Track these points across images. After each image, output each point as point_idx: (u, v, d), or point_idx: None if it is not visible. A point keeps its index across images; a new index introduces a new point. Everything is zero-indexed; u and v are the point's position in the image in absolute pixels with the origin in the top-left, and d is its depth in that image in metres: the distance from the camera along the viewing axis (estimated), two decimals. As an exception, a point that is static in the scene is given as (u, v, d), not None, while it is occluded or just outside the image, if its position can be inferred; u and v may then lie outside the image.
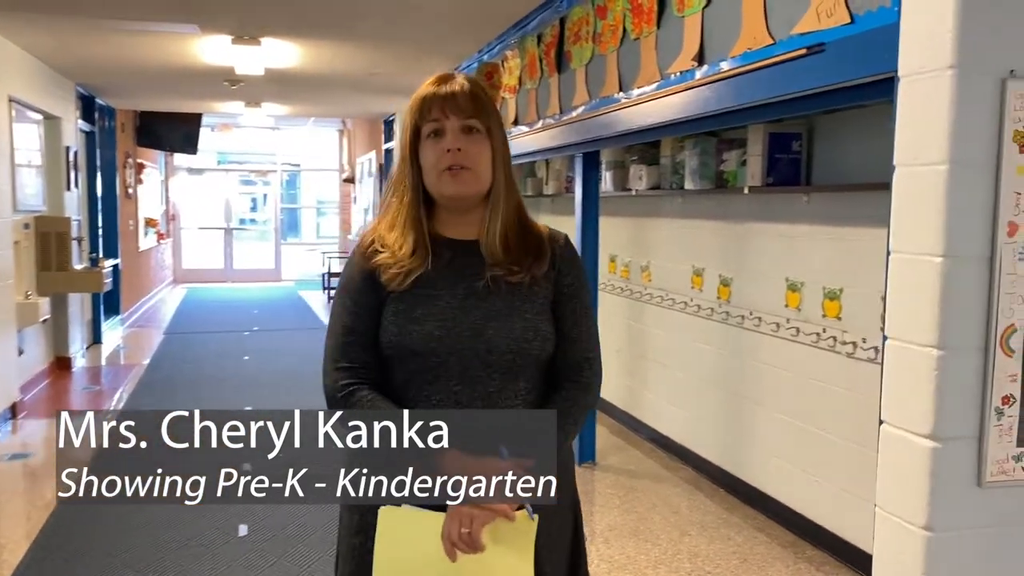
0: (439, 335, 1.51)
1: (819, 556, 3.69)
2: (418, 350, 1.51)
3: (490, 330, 1.52)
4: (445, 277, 1.56)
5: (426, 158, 1.55)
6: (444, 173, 1.54)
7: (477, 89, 1.57)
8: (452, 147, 1.53)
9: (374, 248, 1.58)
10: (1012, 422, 1.99)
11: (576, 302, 1.62)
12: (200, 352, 8.39)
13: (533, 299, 1.57)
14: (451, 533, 1.41)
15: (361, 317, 1.55)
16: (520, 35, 5.22)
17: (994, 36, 1.92)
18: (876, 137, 3.50)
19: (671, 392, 4.99)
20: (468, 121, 1.54)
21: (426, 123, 1.55)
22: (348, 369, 1.53)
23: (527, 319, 1.55)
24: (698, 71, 3.15)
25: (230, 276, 16.03)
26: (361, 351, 1.54)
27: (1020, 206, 1.95)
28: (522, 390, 1.54)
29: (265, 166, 16.89)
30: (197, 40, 6.03)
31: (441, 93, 1.54)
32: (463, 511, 1.41)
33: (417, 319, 1.52)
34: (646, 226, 5.37)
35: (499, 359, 1.51)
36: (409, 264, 1.54)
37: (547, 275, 1.60)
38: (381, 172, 10.96)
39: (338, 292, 1.63)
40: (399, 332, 1.52)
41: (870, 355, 3.49)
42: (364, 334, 1.55)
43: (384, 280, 1.54)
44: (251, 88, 8.14)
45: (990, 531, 2.03)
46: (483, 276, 1.55)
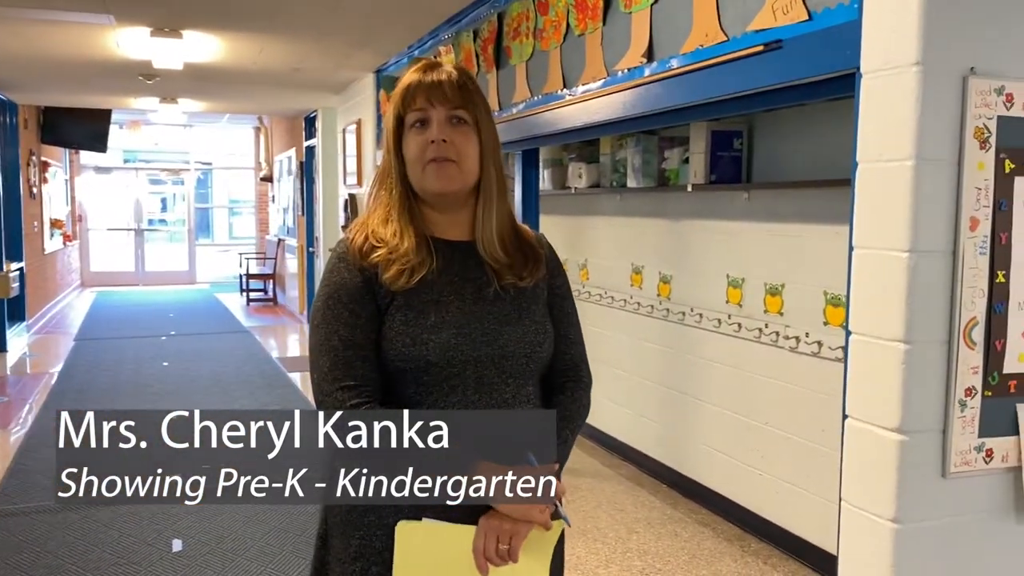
0: (456, 343, 1.41)
1: (765, 549, 3.73)
2: (435, 360, 1.40)
3: (504, 335, 1.45)
4: (450, 282, 1.46)
5: (409, 149, 1.47)
6: (428, 165, 1.45)
7: (465, 78, 1.48)
8: (437, 138, 1.44)
9: (369, 245, 1.46)
10: (974, 413, 2.03)
11: (568, 303, 1.59)
12: (115, 358, 8.02)
13: (537, 301, 1.53)
14: (487, 548, 1.35)
15: (361, 328, 1.42)
16: (455, 30, 5.14)
17: (956, 34, 1.95)
18: (814, 135, 3.57)
19: (612, 390, 5.00)
20: (455, 111, 1.46)
21: (410, 112, 1.46)
22: (354, 388, 1.39)
23: (537, 321, 1.50)
24: (647, 68, 3.14)
25: (142, 279, 15.44)
26: (364, 366, 1.41)
27: (981, 201, 1.99)
28: (532, 395, 1.50)
29: (177, 164, 16.32)
30: (112, 32, 5.73)
31: (427, 81, 1.46)
32: (501, 526, 1.35)
33: (432, 327, 1.42)
34: (585, 224, 5.37)
35: (513, 364, 1.45)
36: (414, 260, 1.43)
37: (544, 276, 1.55)
38: (302, 170, 10.70)
39: (325, 301, 1.45)
40: (413, 343, 1.40)
41: (813, 349, 3.55)
42: (365, 346, 1.41)
43: (386, 279, 1.42)
44: (168, 83, 7.81)
45: (954, 521, 2.06)
46: (490, 281, 1.48)
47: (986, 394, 2.03)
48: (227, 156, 16.65)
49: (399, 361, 1.41)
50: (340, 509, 1.45)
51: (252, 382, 7.01)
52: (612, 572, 3.53)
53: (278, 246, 12.88)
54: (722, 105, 2.82)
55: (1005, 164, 1.98)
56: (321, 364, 1.41)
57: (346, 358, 1.40)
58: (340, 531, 1.45)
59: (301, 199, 10.74)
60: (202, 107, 10.25)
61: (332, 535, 1.48)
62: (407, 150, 1.47)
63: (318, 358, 1.42)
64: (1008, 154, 1.98)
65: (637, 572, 3.53)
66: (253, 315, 11.58)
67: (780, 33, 2.46)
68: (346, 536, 1.44)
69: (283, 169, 12.60)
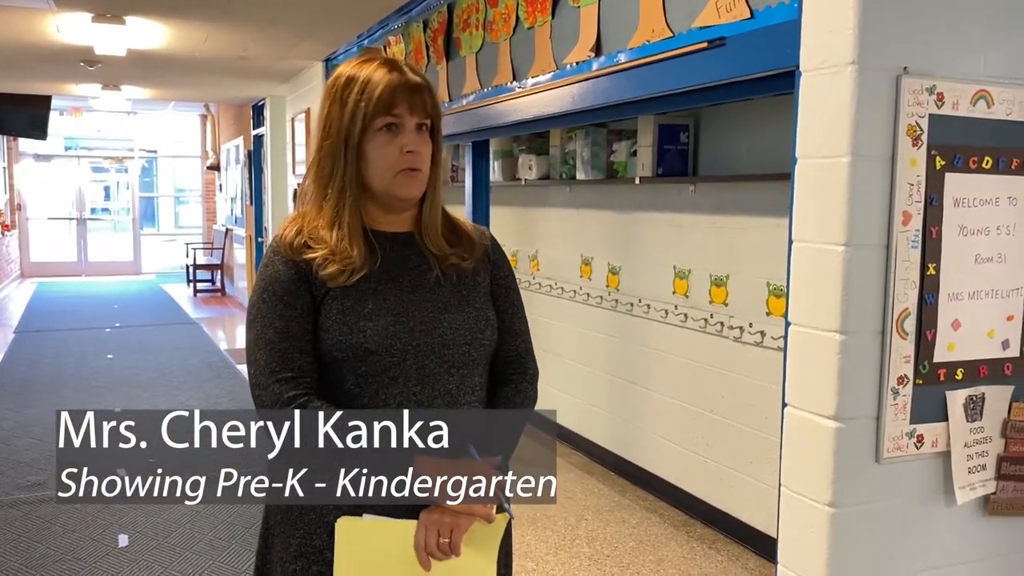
0: (394, 331, 1.40)
1: (710, 534, 3.82)
2: (373, 348, 1.39)
3: (444, 323, 1.45)
4: (388, 270, 1.46)
5: (380, 155, 1.43)
6: (400, 174, 1.43)
7: (431, 85, 1.48)
8: (413, 148, 1.43)
9: (303, 242, 1.44)
10: (906, 401, 2.11)
11: (513, 294, 1.60)
12: (58, 351, 7.84)
13: (478, 289, 1.53)
14: (428, 542, 1.35)
15: (296, 320, 1.40)
16: (404, 20, 5.12)
17: (890, 34, 2.01)
18: (758, 130, 3.65)
19: (561, 380, 5.05)
20: (424, 120, 1.45)
21: (385, 116, 1.42)
22: (292, 380, 1.37)
23: (478, 308, 1.50)
24: (595, 62, 3.17)
25: (85, 269, 15.09)
26: (301, 357, 1.39)
27: (913, 196, 2.06)
28: (477, 386, 1.50)
29: (120, 152, 15.95)
30: (51, 16, 5.59)
31: (408, 85, 1.43)
32: (441, 520, 1.34)
33: (369, 315, 1.40)
34: (534, 216, 5.40)
35: (455, 353, 1.45)
36: (355, 264, 1.41)
37: (485, 266, 1.56)
38: (250, 159, 10.55)
39: (260, 295, 1.44)
40: (350, 330, 1.39)
41: (756, 339, 3.63)
42: (302, 338, 1.40)
43: (323, 276, 1.41)
44: (110, 69, 7.63)
45: (887, 504, 2.14)
46: (431, 267, 1.48)
47: (917, 382, 2.10)
48: (173, 144, 16.31)
49: (336, 350, 1.40)
50: (280, 508, 1.44)
51: (200, 375, 6.92)
52: (561, 559, 3.58)
53: (226, 236, 12.69)
54: (668, 100, 2.86)
55: (936, 160, 2.06)
56: (258, 358, 1.40)
57: (282, 350, 1.39)
58: (280, 530, 1.45)
59: (249, 188, 10.60)
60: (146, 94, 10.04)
61: (273, 534, 1.47)
62: (374, 153, 1.43)
63: (254, 352, 1.41)
64: (939, 151, 2.06)
65: (586, 559, 3.59)
66: (201, 306, 11.40)
67: (724, 30, 2.51)
68: (286, 535, 1.43)
69: (231, 158, 12.41)
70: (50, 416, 5.29)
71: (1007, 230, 2.16)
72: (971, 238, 2.13)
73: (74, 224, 15.41)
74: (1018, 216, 2.16)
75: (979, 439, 2.19)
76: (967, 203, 2.11)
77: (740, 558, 3.59)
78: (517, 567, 3.42)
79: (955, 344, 2.14)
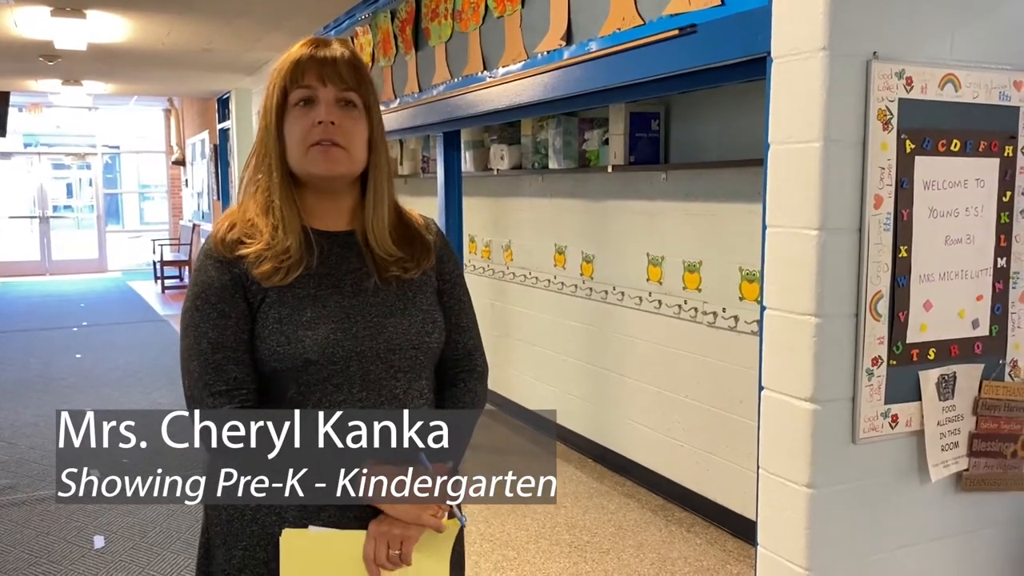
0: (335, 339, 1.34)
1: (688, 518, 3.86)
2: (313, 359, 1.32)
3: (389, 328, 1.39)
4: (327, 274, 1.38)
5: (291, 130, 1.37)
6: (312, 148, 1.35)
7: (357, 60, 1.40)
8: (325, 119, 1.35)
9: (236, 238, 1.37)
10: (880, 382, 2.14)
11: (460, 289, 1.54)
12: (24, 351, 7.71)
13: (424, 290, 1.47)
14: (378, 555, 1.31)
15: (231, 329, 1.34)
16: (371, 11, 5.08)
17: (859, 20, 2.03)
18: (729, 117, 3.67)
19: (537, 369, 5.07)
20: (346, 93, 1.37)
21: (297, 88, 1.36)
22: (226, 393, 1.31)
23: (424, 311, 1.44)
24: (566, 51, 3.17)
25: (49, 268, 14.83)
26: (237, 368, 1.33)
27: (884, 180, 2.09)
28: (425, 389, 1.44)
29: (82, 149, 15.68)
30: (8, 11, 5.48)
31: (319, 57, 1.36)
32: (391, 531, 1.30)
33: (308, 323, 1.33)
34: (507, 206, 5.40)
35: (401, 358, 1.39)
36: (292, 258, 1.35)
37: (431, 265, 1.49)
38: (216, 153, 10.43)
39: (193, 302, 1.36)
40: (288, 341, 1.32)
41: (730, 324, 3.66)
42: (236, 348, 1.33)
43: (257, 275, 1.34)
44: (71, 64, 7.50)
45: (863, 484, 2.18)
46: (370, 272, 1.40)
47: (891, 363, 2.14)
48: (136, 139, 16.06)
49: (274, 361, 1.34)
50: (222, 519, 1.39)
51: (170, 372, 6.84)
52: (542, 547, 3.60)
53: (193, 231, 12.54)
54: (640, 88, 2.87)
55: (906, 144, 2.08)
56: (191, 369, 1.34)
57: (216, 361, 1.33)
58: (222, 541, 1.39)
59: (216, 183, 10.48)
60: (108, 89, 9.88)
61: (215, 545, 1.41)
62: (289, 130, 1.37)
63: (188, 363, 1.35)
64: (908, 135, 2.08)
65: (565, 545, 3.61)
66: (169, 303, 11.26)
67: (695, 17, 2.52)
68: (229, 547, 1.38)
69: (196, 152, 12.26)
70: (19, 418, 5.22)
71: (975, 211, 2.20)
72: (941, 220, 2.16)
73: (36, 223, 15.13)
74: (986, 198, 2.20)
75: (951, 417, 2.23)
76: (936, 186, 2.15)
77: (718, 540, 3.64)
78: (498, 556, 3.44)
79: (927, 325, 2.17)
